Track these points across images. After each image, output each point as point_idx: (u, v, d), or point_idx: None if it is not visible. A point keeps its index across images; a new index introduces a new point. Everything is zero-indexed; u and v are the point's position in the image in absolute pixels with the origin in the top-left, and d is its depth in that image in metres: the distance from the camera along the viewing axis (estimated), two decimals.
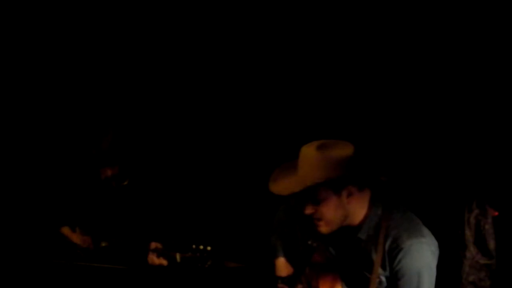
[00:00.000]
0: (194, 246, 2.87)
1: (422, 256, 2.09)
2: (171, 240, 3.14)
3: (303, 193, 2.12)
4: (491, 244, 3.05)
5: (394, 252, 2.11)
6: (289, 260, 2.65)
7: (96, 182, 3.29)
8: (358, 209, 2.18)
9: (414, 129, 3.32)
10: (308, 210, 2.16)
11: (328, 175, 2.06)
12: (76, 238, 3.35)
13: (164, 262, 3.06)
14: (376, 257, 2.14)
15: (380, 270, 2.15)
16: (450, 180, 3.17)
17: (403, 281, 2.10)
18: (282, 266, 2.64)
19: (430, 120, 3.30)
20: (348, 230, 2.22)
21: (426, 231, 2.16)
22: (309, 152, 2.14)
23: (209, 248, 2.85)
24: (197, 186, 3.77)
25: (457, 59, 3.20)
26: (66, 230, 3.36)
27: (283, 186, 2.18)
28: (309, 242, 2.38)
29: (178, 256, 2.93)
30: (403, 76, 3.35)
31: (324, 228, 2.18)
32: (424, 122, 3.31)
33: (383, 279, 2.17)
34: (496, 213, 3.05)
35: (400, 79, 3.36)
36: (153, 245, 3.10)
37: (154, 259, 3.09)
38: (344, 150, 2.12)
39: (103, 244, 3.32)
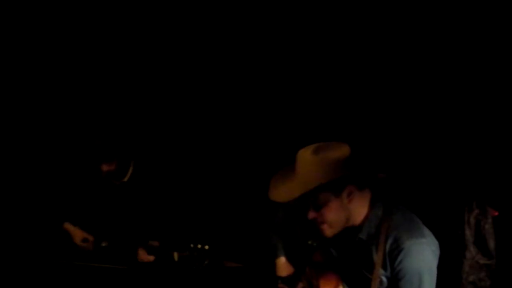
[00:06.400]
0: (192, 245, 2.88)
1: (423, 256, 2.09)
2: (169, 239, 3.14)
3: (303, 198, 2.12)
4: (491, 244, 3.04)
5: (394, 253, 2.11)
6: (290, 260, 2.65)
7: (96, 179, 3.29)
8: (359, 209, 2.19)
9: (414, 129, 3.32)
10: (311, 216, 2.17)
11: (327, 177, 2.07)
12: (77, 234, 3.35)
13: (151, 258, 3.08)
14: (377, 258, 2.15)
15: (381, 271, 2.15)
16: (450, 180, 3.18)
17: (404, 281, 2.11)
18: (283, 266, 2.65)
19: (430, 120, 3.30)
20: (349, 230, 2.23)
21: (426, 231, 2.16)
22: (306, 157, 2.15)
23: (206, 247, 2.87)
24: (197, 185, 3.77)
25: (457, 59, 3.20)
26: (68, 226, 3.36)
27: (283, 193, 2.18)
28: (309, 242, 2.38)
29: (176, 255, 2.94)
30: (403, 76, 3.35)
31: (328, 231, 2.20)
32: (424, 122, 3.31)
33: (384, 279, 2.17)
34: (496, 213, 3.05)
35: (400, 79, 3.36)
36: (149, 243, 3.12)
37: (143, 255, 3.11)
38: (340, 151, 2.14)
39: (103, 244, 3.32)
